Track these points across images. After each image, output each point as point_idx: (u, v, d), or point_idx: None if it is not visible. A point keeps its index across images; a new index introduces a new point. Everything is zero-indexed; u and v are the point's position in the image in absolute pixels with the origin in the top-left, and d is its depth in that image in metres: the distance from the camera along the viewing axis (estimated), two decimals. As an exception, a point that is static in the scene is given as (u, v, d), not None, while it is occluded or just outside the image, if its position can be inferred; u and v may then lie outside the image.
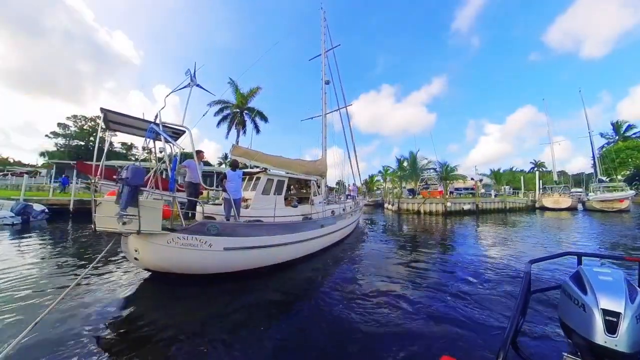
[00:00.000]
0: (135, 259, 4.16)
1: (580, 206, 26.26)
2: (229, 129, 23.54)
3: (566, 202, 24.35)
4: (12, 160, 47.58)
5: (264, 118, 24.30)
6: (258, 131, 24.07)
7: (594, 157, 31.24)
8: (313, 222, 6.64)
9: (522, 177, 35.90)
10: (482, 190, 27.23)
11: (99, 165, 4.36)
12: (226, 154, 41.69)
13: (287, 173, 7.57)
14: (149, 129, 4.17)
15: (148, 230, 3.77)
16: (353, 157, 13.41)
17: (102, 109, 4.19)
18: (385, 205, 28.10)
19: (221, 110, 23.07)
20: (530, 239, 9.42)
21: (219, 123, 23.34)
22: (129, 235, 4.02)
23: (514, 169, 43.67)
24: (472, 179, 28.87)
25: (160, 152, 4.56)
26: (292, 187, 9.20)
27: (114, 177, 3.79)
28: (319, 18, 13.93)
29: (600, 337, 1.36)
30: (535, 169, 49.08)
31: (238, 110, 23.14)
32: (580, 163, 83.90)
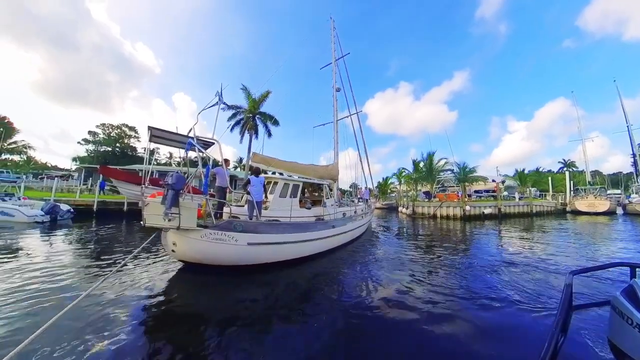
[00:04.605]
0: (173, 251, 4.79)
1: (619, 210, 23.81)
2: (242, 133, 24.01)
3: (603, 205, 22.11)
4: (49, 165, 51.96)
5: (276, 122, 24.56)
6: (270, 135, 24.37)
7: (634, 154, 28.26)
8: (325, 222, 7.05)
9: (549, 178, 33.31)
10: (505, 193, 25.53)
11: (124, 169, 4.92)
12: (241, 158, 42.84)
13: (301, 178, 8.04)
14: (188, 143, 4.95)
15: (186, 227, 4.37)
16: (365, 162, 13.96)
17: (149, 127, 5.08)
18: (400, 208, 27.22)
19: (234, 115, 23.62)
20: (566, 247, 8.45)
21: (232, 128, 23.90)
22: (168, 230, 4.61)
23: (540, 169, 40.65)
24: (493, 180, 27.17)
25: (195, 160, 5.40)
26: (306, 190, 9.57)
27: (160, 182, 4.53)
28: (329, 27, 14.05)
29: None
30: (565, 168, 45.38)
31: (250, 115, 23.56)
32: (619, 161, 76.56)
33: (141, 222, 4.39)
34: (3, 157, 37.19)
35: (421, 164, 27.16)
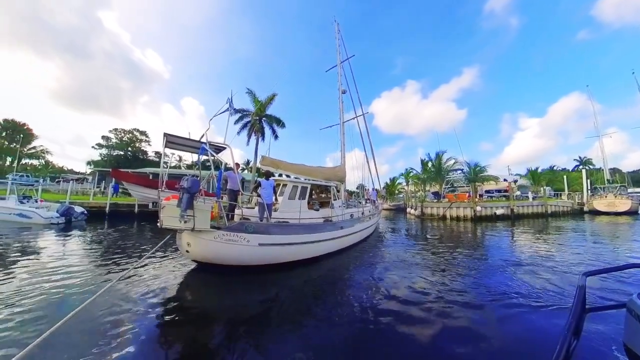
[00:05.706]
0: (187, 251, 4.93)
1: (642, 210, 22.62)
2: (249, 136, 24.25)
3: (624, 204, 21.05)
4: (66, 169, 54.03)
5: (282, 124, 24.71)
6: (276, 137, 24.52)
7: (657, 152, 26.79)
8: (333, 224, 7.13)
9: (565, 177, 32.07)
10: (518, 193, 24.70)
11: (135, 172, 5.05)
12: (248, 160, 43.26)
13: (309, 180, 8.16)
14: (202, 148, 5.12)
15: (200, 228, 4.54)
16: (372, 163, 13.87)
17: (164, 134, 5.19)
18: (408, 209, 26.80)
19: (241, 118, 23.90)
20: (585, 249, 8.00)
21: (239, 131, 24.18)
22: (182, 232, 4.74)
23: (554, 168, 39.12)
24: (505, 179, 26.37)
25: (207, 164, 5.61)
26: (313, 192, 9.67)
27: (175, 186, 4.71)
28: (333, 30, 14.07)
29: None
30: (581, 166, 43.58)
31: (257, 118, 23.78)
32: (639, 158, 72.42)
33: (158, 224, 4.55)
34: (23, 161, 39.01)
35: (429, 164, 26.68)
